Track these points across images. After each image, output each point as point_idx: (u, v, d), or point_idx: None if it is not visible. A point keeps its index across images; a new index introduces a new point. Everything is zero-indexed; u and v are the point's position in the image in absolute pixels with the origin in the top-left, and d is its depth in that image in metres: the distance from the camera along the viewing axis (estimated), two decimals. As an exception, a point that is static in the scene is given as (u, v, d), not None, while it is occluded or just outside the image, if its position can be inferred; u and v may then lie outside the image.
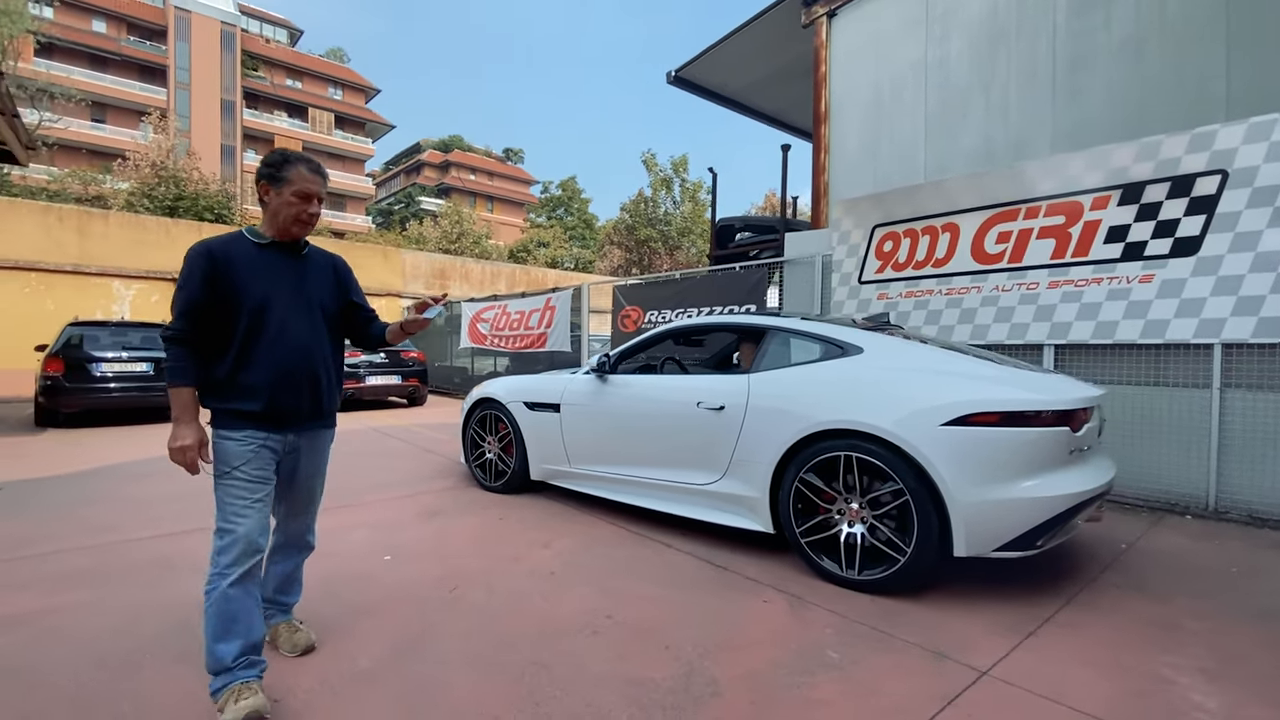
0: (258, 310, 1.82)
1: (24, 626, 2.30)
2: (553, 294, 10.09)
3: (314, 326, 1.96)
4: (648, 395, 3.54)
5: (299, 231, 1.92)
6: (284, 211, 1.87)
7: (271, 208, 1.88)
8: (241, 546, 1.76)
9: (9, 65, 17.38)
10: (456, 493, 4.43)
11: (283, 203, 1.86)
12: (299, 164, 1.88)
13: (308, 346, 1.92)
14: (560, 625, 2.34)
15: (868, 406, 2.69)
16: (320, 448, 2.09)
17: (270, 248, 1.91)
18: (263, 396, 1.83)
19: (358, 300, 2.17)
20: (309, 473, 2.06)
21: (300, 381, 1.90)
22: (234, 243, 1.87)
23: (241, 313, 1.80)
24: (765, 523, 2.99)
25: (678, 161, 25.49)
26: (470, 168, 52.83)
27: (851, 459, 2.69)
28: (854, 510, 2.72)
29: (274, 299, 1.86)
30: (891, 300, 5.47)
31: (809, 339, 3.13)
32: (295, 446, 1.97)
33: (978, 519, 2.46)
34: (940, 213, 5.19)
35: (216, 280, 1.78)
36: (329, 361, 2.01)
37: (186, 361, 1.77)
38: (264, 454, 1.86)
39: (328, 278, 2.06)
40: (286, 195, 1.85)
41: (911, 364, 2.86)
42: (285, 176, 1.84)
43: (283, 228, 1.90)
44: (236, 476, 1.81)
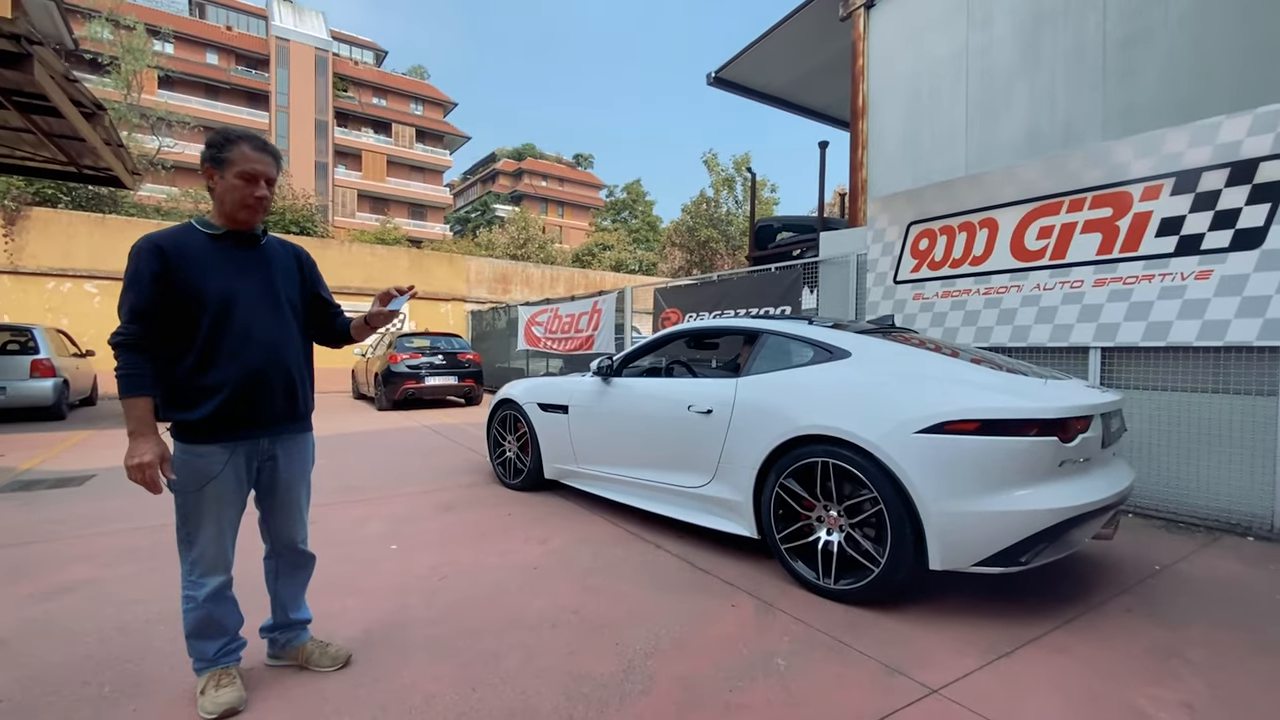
0: (221, 308, 1.68)
1: (72, 593, 2.65)
2: (599, 297, 10.28)
3: (282, 323, 1.82)
4: (645, 398, 3.59)
5: (247, 218, 1.75)
6: (229, 196, 1.71)
7: (217, 193, 1.72)
8: (210, 563, 1.72)
9: (134, 97, 19.60)
10: (476, 489, 4.64)
11: (227, 186, 1.70)
12: (242, 142, 1.71)
13: (277, 345, 1.79)
14: (526, 618, 2.43)
15: (845, 412, 2.62)
16: (299, 453, 1.93)
17: (224, 238, 1.76)
18: (230, 402, 1.71)
19: (324, 295, 2.04)
20: (290, 481, 1.91)
21: (271, 382, 1.78)
22: (184, 235, 1.71)
23: (203, 312, 1.66)
24: (749, 527, 2.97)
25: (740, 160, 25.18)
26: (542, 174, 54.44)
27: (829, 466, 2.63)
28: (832, 518, 2.66)
29: (238, 295, 1.72)
30: (927, 300, 5.23)
31: (798, 342, 3.08)
32: (271, 454, 1.84)
33: (953, 532, 2.35)
34: (978, 208, 4.91)
35: (170, 278, 1.64)
36: (301, 360, 1.90)
37: (141, 369, 1.63)
38: (235, 469, 1.75)
39: (291, 270, 1.91)
40: (230, 178, 1.69)
41: (898, 369, 2.76)
42: (227, 157, 1.68)
43: (230, 214, 1.74)
44: (205, 495, 1.71)
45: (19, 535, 3.44)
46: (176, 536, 1.74)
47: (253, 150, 1.73)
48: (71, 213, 13.47)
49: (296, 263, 1.96)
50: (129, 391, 1.62)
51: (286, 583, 2.01)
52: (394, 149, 43.43)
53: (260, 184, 1.75)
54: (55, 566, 2.97)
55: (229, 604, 1.82)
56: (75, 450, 6.23)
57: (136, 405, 1.63)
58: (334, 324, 2.08)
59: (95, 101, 6.21)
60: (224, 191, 1.72)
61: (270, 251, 1.87)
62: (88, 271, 12.72)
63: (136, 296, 1.63)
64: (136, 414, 1.63)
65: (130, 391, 1.62)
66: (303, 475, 1.96)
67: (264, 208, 1.78)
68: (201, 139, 19.74)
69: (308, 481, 2.00)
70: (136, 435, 1.62)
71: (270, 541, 1.98)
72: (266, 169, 1.75)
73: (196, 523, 1.71)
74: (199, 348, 1.68)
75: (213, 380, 1.70)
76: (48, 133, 6.97)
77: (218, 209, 1.76)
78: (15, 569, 2.94)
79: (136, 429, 1.62)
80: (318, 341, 2.09)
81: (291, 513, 1.94)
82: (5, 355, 8.11)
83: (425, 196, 44.45)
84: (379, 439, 7.30)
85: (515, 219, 30.95)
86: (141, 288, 1.63)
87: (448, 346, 11.20)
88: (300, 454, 1.94)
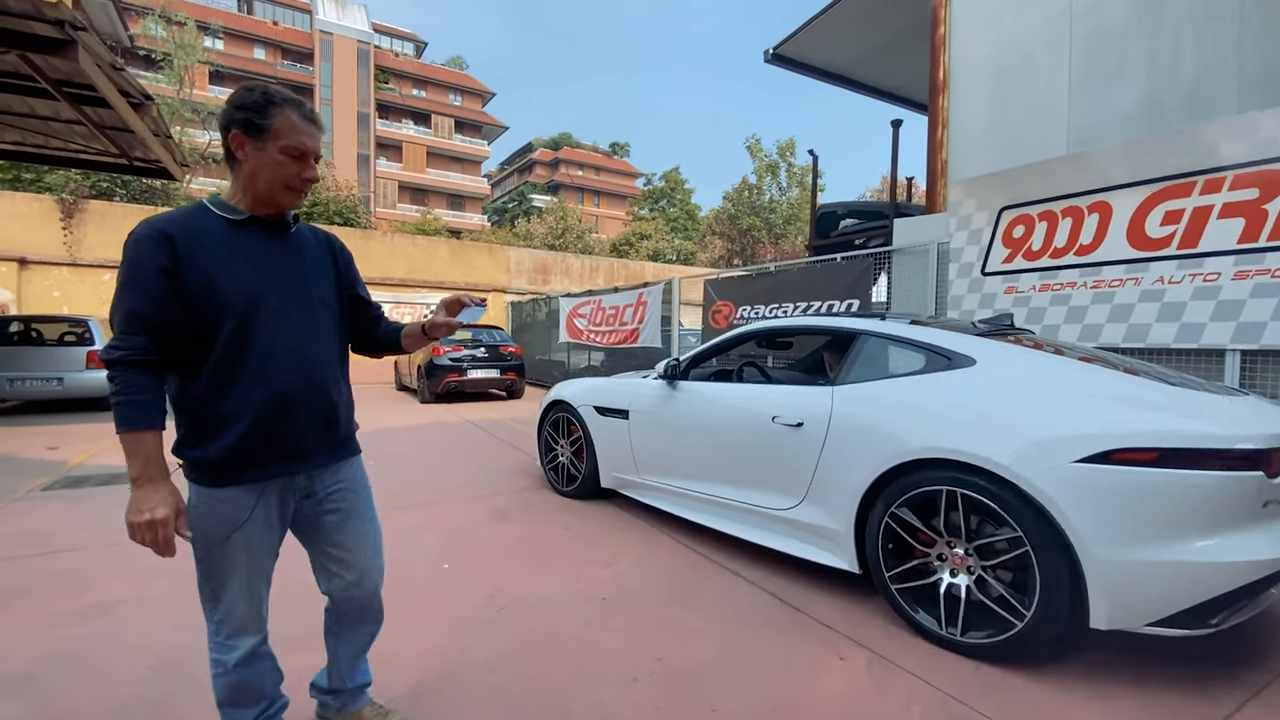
0: (244, 313, 1.32)
1: (106, 616, 2.44)
2: (644, 289, 9.91)
3: (317, 329, 1.47)
4: (718, 406, 3.22)
5: (288, 202, 1.41)
6: (267, 174, 1.35)
7: (248, 168, 1.35)
8: (240, 622, 1.41)
9: (186, 92, 20.02)
10: (529, 495, 4.35)
11: (266, 162, 1.34)
12: (288, 107, 1.36)
13: (311, 358, 1.43)
14: (600, 664, 2.11)
15: (977, 433, 2.20)
16: (346, 485, 1.55)
17: (248, 224, 1.39)
18: (255, 432, 1.34)
19: (362, 293, 1.67)
20: (339, 520, 1.53)
21: (305, 406, 1.42)
22: (197, 218, 1.34)
23: (221, 318, 1.30)
24: (849, 560, 2.58)
25: (784, 145, 24.41)
26: (578, 164, 54.18)
27: (956, 495, 2.22)
28: (958, 557, 2.25)
29: (264, 296, 1.36)
30: (1022, 294, 4.70)
31: (908, 346, 2.66)
32: (309, 491, 1.49)
33: (1125, 585, 1.92)
34: (1086, 190, 4.35)
35: (180, 273, 1.27)
36: (339, 375, 1.54)
37: (146, 393, 1.25)
38: (265, 513, 1.41)
39: (324, 263, 1.54)
40: (272, 151, 1.34)
41: (1038, 380, 2.32)
42: (270, 125, 1.33)
43: (264, 195, 1.38)
44: (231, 546, 1.37)
45: (63, 540, 3.30)
46: (199, 592, 1.41)
47: (301, 119, 1.38)
48: (126, 205, 13.77)
49: (330, 254, 1.58)
50: (130, 424, 1.24)
51: (348, 643, 1.65)
52: (433, 140, 43.74)
53: (310, 162, 1.41)
54: (94, 580, 2.79)
55: (265, 664, 1.50)
56: (126, 444, 6.21)
57: (142, 442, 1.25)
58: (376, 330, 1.71)
59: (143, 92, 6.11)
60: (259, 167, 1.35)
61: (301, 241, 1.51)
62: (142, 263, 12.97)
63: (138, 298, 1.25)
64: (142, 453, 1.25)
65: (132, 424, 1.24)
66: (354, 511, 1.56)
67: (307, 192, 1.44)
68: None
69: (364, 515, 1.59)
70: (143, 482, 1.24)
71: (334, 606, 1.61)
72: (316, 144, 1.42)
73: (222, 578, 1.39)
74: (215, 364, 1.31)
75: (233, 406, 1.33)
76: (98, 125, 6.96)
77: (244, 187, 1.38)
78: (55, 582, 2.78)
79: (143, 474, 1.24)
80: (356, 350, 1.71)
81: (347, 558, 1.56)
82: (63, 346, 8.23)
83: (464, 187, 44.72)
84: (423, 435, 7.12)
85: (553, 208, 30.80)
86: (144, 286, 1.25)
87: (490, 339, 11.04)
88: (348, 486, 1.56)
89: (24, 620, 2.40)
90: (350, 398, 1.60)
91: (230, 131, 1.35)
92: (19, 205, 12.22)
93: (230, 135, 1.35)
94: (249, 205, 1.40)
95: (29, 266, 12.18)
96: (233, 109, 1.35)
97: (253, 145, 1.34)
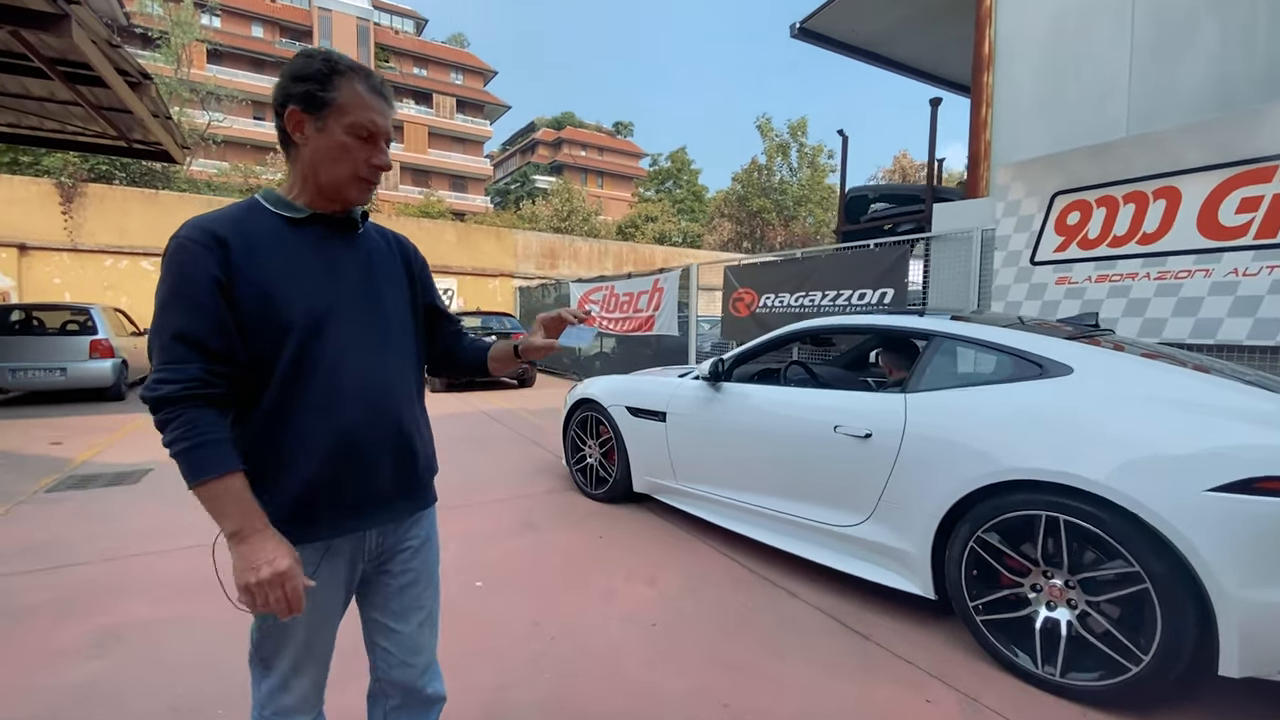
0: (307, 333, 1.06)
1: (121, 644, 2.25)
2: (660, 275, 9.64)
3: (392, 351, 1.20)
4: (770, 412, 2.98)
5: (357, 196, 1.14)
6: (330, 161, 1.09)
7: (308, 154, 1.09)
8: (295, 701, 1.17)
9: (184, 71, 19.57)
10: (556, 498, 4.15)
11: (329, 145, 1.08)
12: (354, 77, 1.08)
13: (385, 385, 1.17)
14: (660, 711, 1.91)
15: (1085, 453, 1.97)
16: (422, 542, 1.29)
17: (309, 223, 1.12)
18: (321, 479, 1.09)
19: (439, 305, 1.39)
20: (407, 586, 1.26)
21: (380, 446, 1.15)
22: (249, 218, 1.08)
23: (280, 341, 1.05)
24: (924, 585, 2.36)
25: (795, 125, 23.89)
26: (581, 144, 53.36)
27: (1058, 522, 1.99)
28: (1056, 589, 2.03)
29: (331, 312, 1.10)
30: (1076, 285, 4.43)
31: (992, 351, 2.41)
32: (381, 550, 1.22)
33: (1264, 629, 1.70)
34: (1151, 174, 4.06)
35: (233, 286, 1.02)
36: (416, 404, 1.27)
37: (214, 431, 0.99)
38: (332, 575, 1.15)
39: (396, 270, 1.26)
40: (337, 132, 1.07)
41: (1147, 392, 2.08)
42: (334, 99, 1.06)
43: (331, 188, 1.11)
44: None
45: (72, 552, 3.11)
46: (249, 656, 1.17)
47: (370, 92, 1.10)
48: (125, 189, 13.47)
49: (403, 259, 1.30)
50: (208, 472, 0.97)
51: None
52: (435, 120, 43.04)
53: (381, 145, 1.13)
54: (105, 599, 2.60)
55: None
56: (134, 437, 6.03)
57: (230, 490, 0.99)
58: (457, 348, 1.42)
59: (141, 70, 5.81)
60: (322, 153, 1.08)
61: (369, 244, 1.23)
62: (143, 249, 12.72)
63: (187, 317, 0.99)
64: (234, 503, 0.99)
65: (209, 472, 0.97)
66: (427, 577, 1.29)
67: (377, 181, 1.16)
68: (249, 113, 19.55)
69: (428, 580, 1.30)
70: (248, 535, 0.99)
71: (378, 674, 1.31)
72: (388, 123, 1.13)
73: (276, 647, 1.13)
74: (271, 399, 1.06)
75: (294, 449, 1.07)
76: (95, 105, 6.67)
77: (304, 177, 1.11)
78: (66, 602, 2.58)
79: (245, 526, 0.99)
80: (432, 372, 1.44)
81: (410, 637, 1.27)
82: (65, 335, 8.02)
83: (466, 168, 44.11)
84: (438, 429, 6.80)
85: (559, 190, 30.31)
86: (195, 302, 0.99)
87: (500, 326, 10.83)
88: (420, 545, 1.28)
89: (32, 650, 2.21)
90: (430, 433, 1.32)
91: (286, 109, 1.07)
92: (17, 189, 11.94)
93: (286, 113, 1.07)
94: (310, 200, 1.13)
95: (29, 252, 11.93)
96: (289, 81, 1.08)
97: (313, 125, 1.07)
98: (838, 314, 6.08)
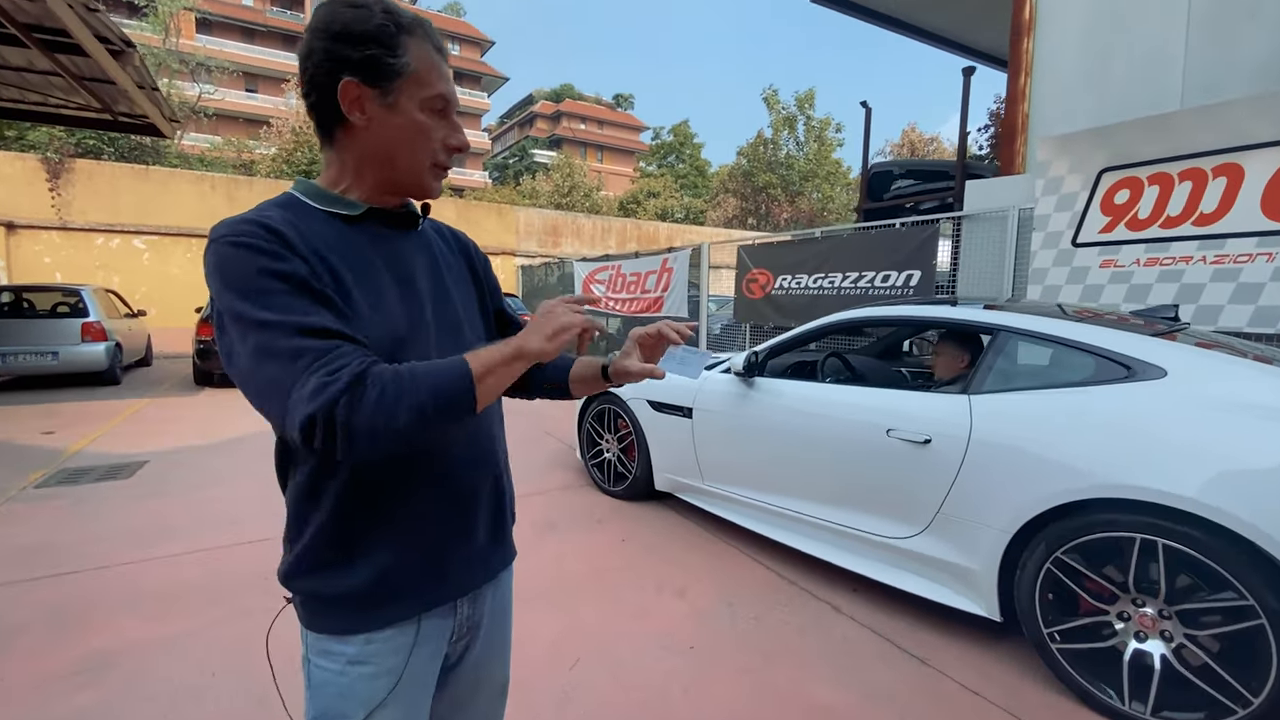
0: (391, 359, 0.77)
1: (112, 669, 2.06)
2: (670, 254, 9.34)
3: None
4: (813, 411, 2.75)
5: (435, 187, 0.89)
6: (408, 147, 0.83)
7: (374, 137, 0.82)
8: None
9: (172, 41, 18.93)
10: (572, 495, 3.95)
11: (407, 125, 0.82)
12: (422, 35, 0.82)
13: (479, 420, 0.94)
14: (714, 755, 1.72)
15: (1191, 471, 1.74)
16: (502, 605, 1.05)
17: (367, 221, 0.86)
18: (415, 540, 0.85)
19: (508, 309, 1.12)
20: (485, 658, 1.02)
21: (481, 485, 0.93)
22: (299, 219, 0.79)
23: None
24: (988, 606, 2.16)
25: (803, 97, 23.26)
26: (581, 117, 52.27)
27: (1155, 545, 1.78)
28: (1148, 618, 1.83)
29: (415, 331, 0.85)
30: (1122, 269, 4.17)
31: (1070, 349, 2.17)
32: (471, 623, 0.97)
33: None
34: (1212, 150, 3.77)
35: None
36: (502, 441, 1.04)
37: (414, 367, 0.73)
38: (422, 667, 0.89)
39: (464, 273, 1.02)
40: (411, 110, 0.81)
41: (1259, 400, 1.84)
42: (408, 65, 0.80)
43: (405, 179, 0.86)
44: None
45: (63, 559, 2.90)
46: None
47: (438, 54, 0.84)
48: (115, 165, 13.05)
49: (466, 259, 1.05)
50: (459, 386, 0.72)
51: None
52: (432, 92, 42.00)
53: (456, 121, 0.88)
54: (98, 616, 2.40)
55: None
56: (129, 425, 5.81)
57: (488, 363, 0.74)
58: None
59: (122, 37, 5.45)
60: (396, 135, 0.82)
61: (432, 243, 0.98)
62: (135, 226, 12.36)
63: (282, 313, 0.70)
64: (495, 362, 0.75)
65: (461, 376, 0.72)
66: (495, 642, 1.04)
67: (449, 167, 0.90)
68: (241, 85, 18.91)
69: (503, 644, 1.07)
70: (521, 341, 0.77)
71: None
72: (454, 90, 0.87)
73: None
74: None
75: (380, 505, 0.83)
76: (77, 75, 6.30)
77: (364, 168, 0.85)
78: (55, 619, 2.39)
79: (515, 349, 0.76)
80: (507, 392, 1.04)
81: (481, 711, 1.06)
82: (55, 318, 7.75)
83: (464, 142, 43.23)
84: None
85: (560, 165, 29.68)
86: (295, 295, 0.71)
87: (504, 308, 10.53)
88: (500, 607, 1.04)
89: (18, 678, 2.02)
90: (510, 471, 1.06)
91: (339, 80, 0.77)
92: (2, 165, 11.55)
93: (341, 87, 0.78)
94: (367, 195, 0.86)
95: (17, 231, 11.59)
96: (337, 42, 0.77)
97: (379, 101, 0.79)
98: (858, 297, 5.83)
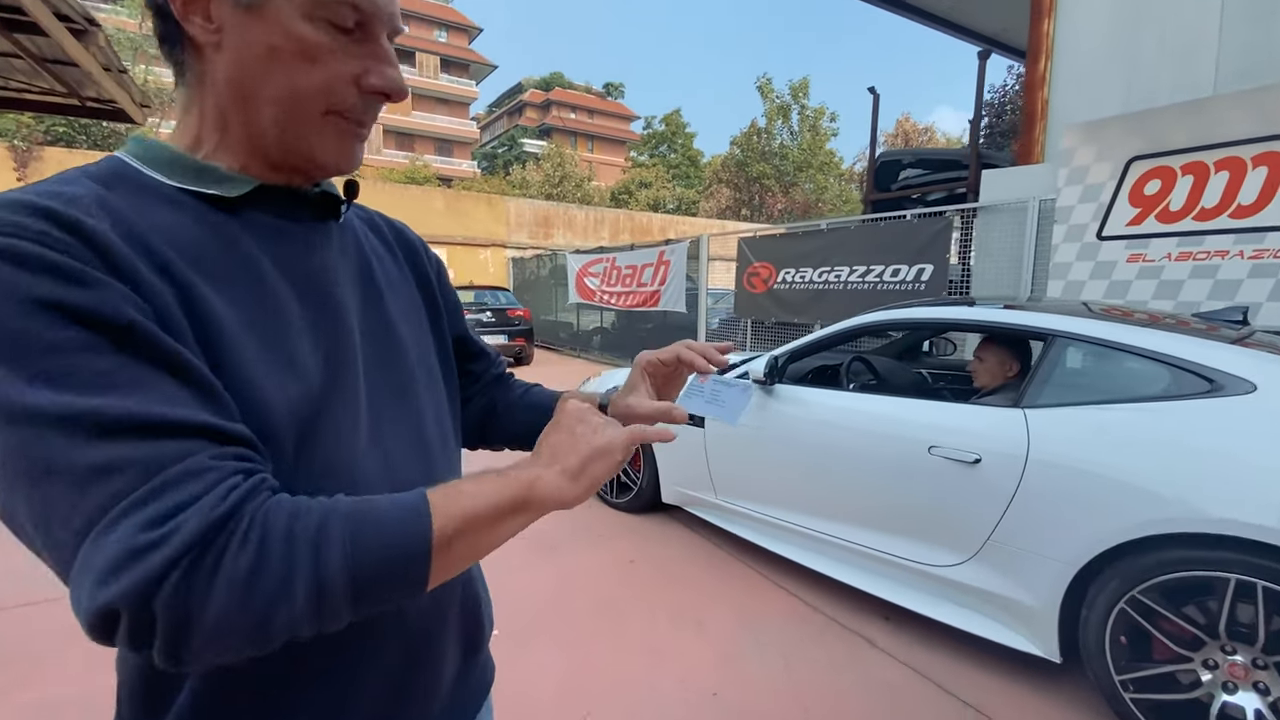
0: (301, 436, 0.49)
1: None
2: (666, 246, 9.06)
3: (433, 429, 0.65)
4: (841, 424, 2.51)
5: (338, 154, 0.54)
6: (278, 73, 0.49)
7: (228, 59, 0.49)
8: None
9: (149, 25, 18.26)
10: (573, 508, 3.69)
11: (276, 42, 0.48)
12: None
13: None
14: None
15: (1299, 503, 1.52)
16: None
17: (252, 207, 0.52)
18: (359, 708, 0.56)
19: (471, 336, 0.83)
20: None
21: (447, 607, 0.65)
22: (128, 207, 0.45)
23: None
24: (1046, 646, 1.94)
25: (796, 86, 22.94)
26: (571, 106, 51.55)
27: (1255, 588, 1.55)
28: (1239, 668, 1.61)
29: (336, 388, 0.53)
30: (1152, 263, 3.96)
31: (1139, 357, 1.94)
32: None
33: None
34: (1251, 138, 3.56)
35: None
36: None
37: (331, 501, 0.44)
38: None
39: (407, 286, 0.70)
40: (288, 18, 0.48)
41: (1368, 420, 1.62)
42: None
43: (284, 134, 0.51)
44: None
45: (5, 593, 2.61)
46: None
47: None
48: (87, 153, 12.54)
49: (414, 268, 0.72)
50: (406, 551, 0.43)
51: None
52: (419, 80, 41.22)
53: (384, 45, 0.53)
54: (39, 659, 2.12)
55: None
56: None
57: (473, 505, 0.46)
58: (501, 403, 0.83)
59: (85, 15, 5.03)
60: (258, 55, 0.48)
61: (359, 242, 0.64)
62: (111, 218, 11.88)
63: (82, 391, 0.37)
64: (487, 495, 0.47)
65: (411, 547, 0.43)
66: None
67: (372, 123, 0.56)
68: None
69: None
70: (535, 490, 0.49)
71: None
72: (392, 5, 0.53)
73: None
74: None
75: (294, 665, 0.51)
76: (37, 57, 5.88)
77: (226, 119, 0.51)
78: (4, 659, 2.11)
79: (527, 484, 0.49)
80: (467, 443, 0.81)
81: None
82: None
83: (452, 131, 42.52)
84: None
85: (550, 155, 29.19)
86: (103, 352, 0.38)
87: (495, 302, 10.24)
88: None
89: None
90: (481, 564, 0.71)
91: None
92: (-33, 153, 11.05)
93: None
94: (243, 163, 0.52)
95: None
96: None
97: (231, 3, 0.47)
98: (866, 292, 5.60)
